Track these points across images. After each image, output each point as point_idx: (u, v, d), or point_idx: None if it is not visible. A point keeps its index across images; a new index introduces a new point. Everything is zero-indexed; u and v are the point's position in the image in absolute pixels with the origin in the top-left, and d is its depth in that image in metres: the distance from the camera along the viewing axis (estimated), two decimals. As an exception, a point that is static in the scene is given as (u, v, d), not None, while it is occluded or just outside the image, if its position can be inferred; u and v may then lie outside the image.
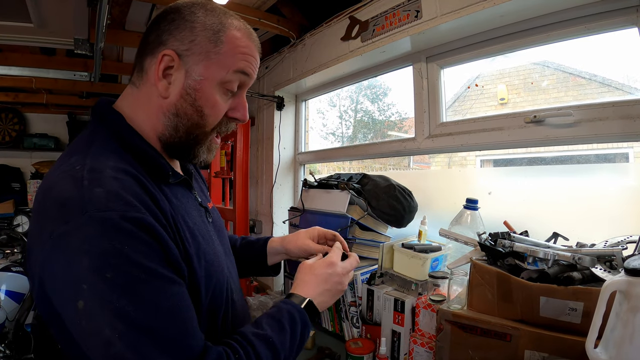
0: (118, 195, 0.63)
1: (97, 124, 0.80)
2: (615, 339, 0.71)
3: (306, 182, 1.94)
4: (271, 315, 0.81)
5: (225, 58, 0.78)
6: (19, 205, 4.52)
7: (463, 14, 1.41)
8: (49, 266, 0.61)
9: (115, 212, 0.60)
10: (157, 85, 0.77)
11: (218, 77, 0.78)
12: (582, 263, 0.97)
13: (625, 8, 1.18)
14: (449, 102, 1.82)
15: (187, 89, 0.78)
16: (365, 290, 1.52)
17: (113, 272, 0.58)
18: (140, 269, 0.61)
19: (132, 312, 0.58)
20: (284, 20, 2.34)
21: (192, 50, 0.77)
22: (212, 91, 0.79)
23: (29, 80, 3.51)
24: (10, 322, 2.68)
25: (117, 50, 3.12)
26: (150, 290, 0.61)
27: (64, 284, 0.60)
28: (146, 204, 0.66)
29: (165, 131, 0.80)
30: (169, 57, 0.76)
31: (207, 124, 0.81)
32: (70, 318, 0.60)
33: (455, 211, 1.47)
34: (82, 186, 0.62)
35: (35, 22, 2.34)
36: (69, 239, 0.59)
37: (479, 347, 1.01)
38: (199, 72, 0.77)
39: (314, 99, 2.80)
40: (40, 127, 4.98)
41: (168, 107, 0.79)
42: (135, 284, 0.60)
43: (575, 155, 1.75)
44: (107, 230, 0.59)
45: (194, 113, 0.79)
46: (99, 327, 0.58)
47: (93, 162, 0.67)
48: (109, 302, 0.58)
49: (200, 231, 0.82)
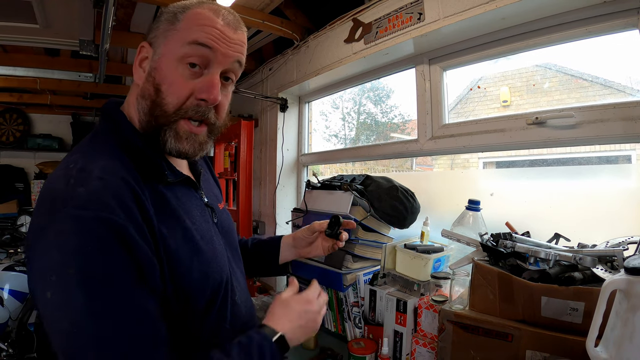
0: (97, 195, 0.65)
1: (102, 123, 0.83)
2: (615, 338, 0.71)
3: (309, 183, 1.94)
4: (241, 344, 0.77)
5: (182, 33, 0.77)
6: (22, 205, 4.53)
7: (465, 17, 1.42)
8: (31, 256, 0.65)
9: (90, 212, 0.63)
10: (135, 75, 0.82)
11: (175, 52, 0.77)
12: (583, 263, 0.97)
13: (626, 10, 1.19)
14: (451, 104, 1.83)
15: (150, 70, 0.80)
16: (367, 290, 1.52)
17: (75, 269, 0.60)
18: (100, 269, 0.62)
19: (88, 309, 0.60)
20: (288, 23, 2.35)
21: (156, 34, 0.80)
22: (171, 67, 0.77)
23: (34, 81, 3.53)
24: (13, 321, 2.70)
25: (121, 52, 3.14)
26: (104, 294, 0.62)
27: (39, 274, 0.63)
28: (126, 206, 0.67)
29: (138, 116, 0.81)
30: (144, 48, 0.81)
31: (166, 103, 0.78)
32: (41, 307, 0.63)
33: (458, 212, 1.47)
34: (67, 184, 0.65)
35: (41, 23, 2.36)
36: (47, 231, 0.62)
37: (480, 347, 1.02)
38: (159, 52, 0.79)
39: (317, 101, 2.81)
40: (44, 128, 5.01)
41: (139, 92, 0.81)
42: (92, 284, 0.61)
43: (577, 157, 1.76)
44: (78, 227, 0.62)
45: (153, 92, 0.78)
46: (60, 318, 0.61)
47: (85, 162, 0.70)
48: (71, 296, 0.60)
49: (199, 231, 0.83)
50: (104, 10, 1.80)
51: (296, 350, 1.59)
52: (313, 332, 0.95)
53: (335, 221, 1.21)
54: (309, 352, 1.58)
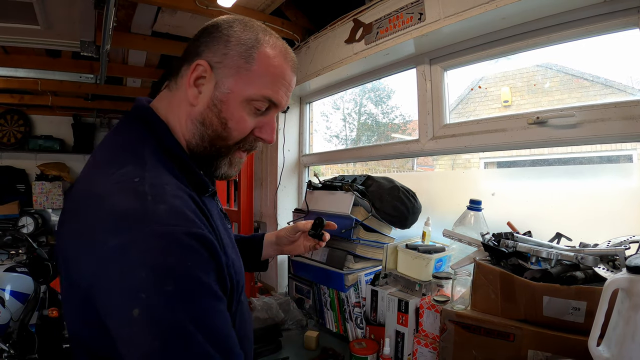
0: (181, 211, 0.65)
1: (143, 130, 0.80)
2: (617, 337, 0.71)
3: (310, 184, 1.94)
4: None
5: (255, 77, 0.80)
6: (24, 207, 4.55)
7: (466, 17, 1.42)
8: (103, 275, 0.61)
9: (179, 228, 0.62)
10: (187, 92, 0.80)
11: (245, 94, 0.80)
12: (585, 263, 0.97)
13: (627, 9, 1.18)
14: (452, 104, 1.83)
15: (215, 100, 0.80)
16: (369, 290, 1.52)
17: (174, 285, 0.59)
18: (200, 285, 0.62)
19: (188, 326, 0.58)
20: (289, 23, 2.35)
21: (224, 63, 0.79)
22: (239, 106, 0.80)
23: (35, 82, 3.55)
24: (14, 322, 2.70)
25: (122, 53, 3.15)
26: (207, 307, 0.62)
27: (119, 293, 0.59)
28: (203, 221, 0.69)
29: (192, 139, 0.82)
30: (201, 66, 0.79)
31: (230, 137, 0.82)
32: (119, 325, 0.60)
33: (459, 212, 1.47)
34: (145, 200, 0.63)
35: (42, 24, 2.36)
36: (129, 250, 0.59)
37: (482, 347, 1.02)
38: (228, 86, 0.79)
39: (318, 102, 2.81)
40: (45, 129, 5.03)
41: (195, 115, 0.81)
42: (195, 298, 0.60)
43: (578, 157, 1.76)
44: (169, 244, 0.60)
45: (219, 125, 0.80)
46: (150, 336, 0.57)
47: (152, 177, 0.68)
48: (167, 313, 0.58)
49: (225, 240, 0.83)
50: (105, 11, 1.81)
51: (298, 351, 1.59)
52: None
53: (319, 222, 1.29)
54: (310, 352, 1.58)
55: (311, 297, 1.82)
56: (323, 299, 1.73)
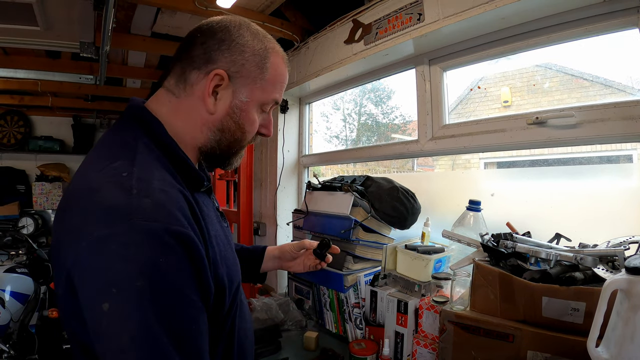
0: (164, 207, 0.65)
1: (138, 128, 0.79)
2: (616, 338, 0.71)
3: (310, 185, 1.94)
4: None
5: (268, 85, 0.86)
6: (24, 207, 4.54)
7: (465, 17, 1.42)
8: (81, 265, 0.61)
9: (160, 224, 0.62)
10: (205, 100, 0.81)
11: (260, 100, 0.86)
12: (584, 263, 0.97)
13: (626, 9, 1.18)
14: (452, 105, 1.83)
15: (234, 108, 0.84)
16: (368, 291, 1.52)
17: (144, 281, 0.58)
18: (170, 284, 0.62)
19: (153, 325, 0.58)
20: (288, 24, 2.35)
21: (242, 73, 0.82)
22: (254, 112, 0.87)
23: (35, 83, 3.55)
24: (14, 322, 2.69)
25: (122, 54, 3.15)
26: (175, 308, 0.62)
27: (94, 284, 0.60)
28: (189, 218, 0.69)
29: (208, 144, 0.86)
30: (219, 76, 0.80)
31: (245, 139, 0.89)
32: (92, 318, 0.60)
33: (458, 213, 1.47)
34: (130, 194, 0.63)
35: (42, 25, 2.36)
36: (109, 242, 0.60)
37: (481, 347, 1.02)
38: (246, 94, 0.84)
39: (318, 102, 2.81)
40: (45, 130, 5.03)
41: (214, 123, 0.84)
42: (162, 297, 0.60)
43: (578, 157, 1.75)
44: (148, 240, 0.60)
45: (237, 130, 0.86)
46: (117, 331, 0.58)
47: (140, 172, 0.68)
48: (134, 310, 0.58)
49: (219, 237, 0.84)
50: (104, 12, 1.81)
51: (297, 351, 1.59)
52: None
53: (325, 243, 1.33)
54: (310, 353, 1.57)
55: (311, 298, 1.82)
56: (322, 300, 1.73)
